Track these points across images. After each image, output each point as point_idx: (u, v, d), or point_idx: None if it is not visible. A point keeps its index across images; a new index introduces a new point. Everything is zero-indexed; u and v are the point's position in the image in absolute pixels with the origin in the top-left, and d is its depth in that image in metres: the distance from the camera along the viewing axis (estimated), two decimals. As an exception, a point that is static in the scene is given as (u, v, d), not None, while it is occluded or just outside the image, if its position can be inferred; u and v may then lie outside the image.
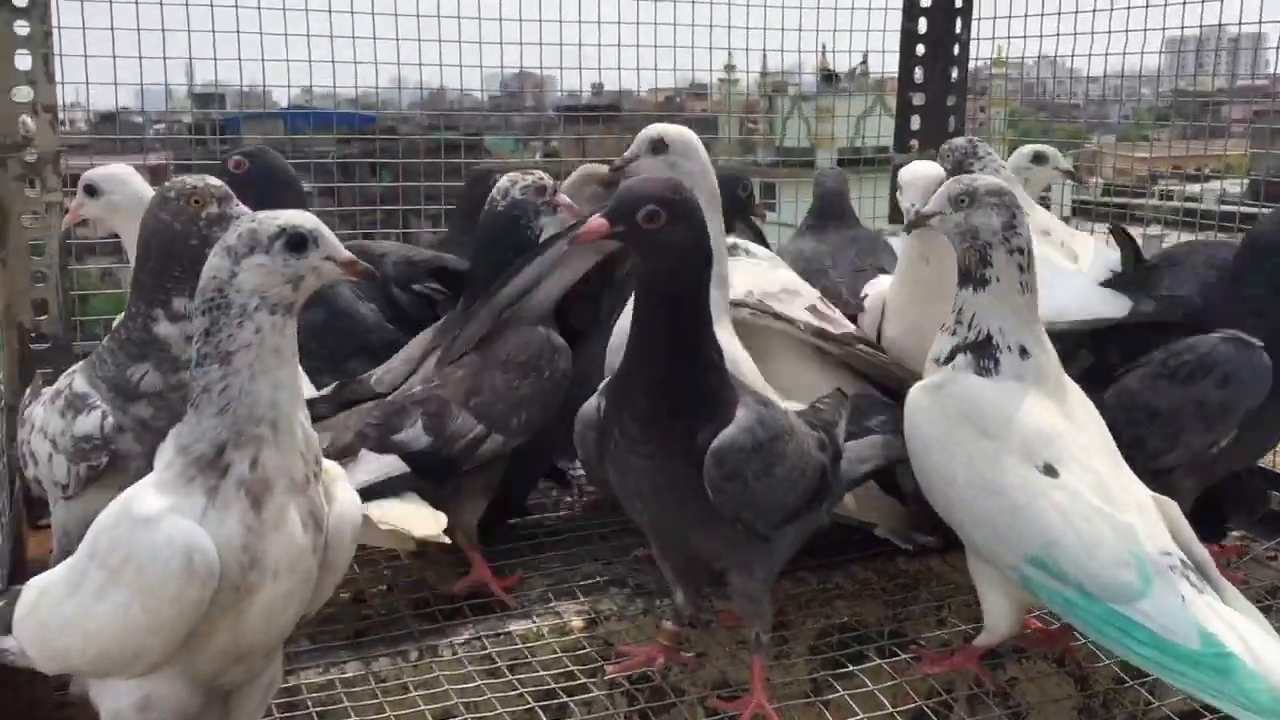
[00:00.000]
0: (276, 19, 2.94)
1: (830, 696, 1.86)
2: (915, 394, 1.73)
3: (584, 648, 1.83)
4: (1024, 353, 1.66)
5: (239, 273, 1.23)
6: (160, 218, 1.68)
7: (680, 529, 1.64)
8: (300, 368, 1.33)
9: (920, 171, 2.07)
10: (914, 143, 3.10)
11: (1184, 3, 2.98)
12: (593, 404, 1.62)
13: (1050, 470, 1.58)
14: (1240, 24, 2.98)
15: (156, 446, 1.30)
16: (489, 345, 1.91)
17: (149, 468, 1.30)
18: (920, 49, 3.04)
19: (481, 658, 1.75)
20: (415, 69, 3.33)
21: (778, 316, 2.07)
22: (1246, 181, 3.89)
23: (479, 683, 1.73)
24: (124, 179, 2.14)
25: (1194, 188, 3.95)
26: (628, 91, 4.03)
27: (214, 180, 1.73)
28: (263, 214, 1.28)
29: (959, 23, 3.05)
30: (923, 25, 3.04)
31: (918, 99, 3.05)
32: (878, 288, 2.26)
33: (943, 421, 1.65)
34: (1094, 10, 2.94)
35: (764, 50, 3.55)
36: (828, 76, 4.05)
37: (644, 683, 1.81)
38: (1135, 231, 3.78)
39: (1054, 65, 3.77)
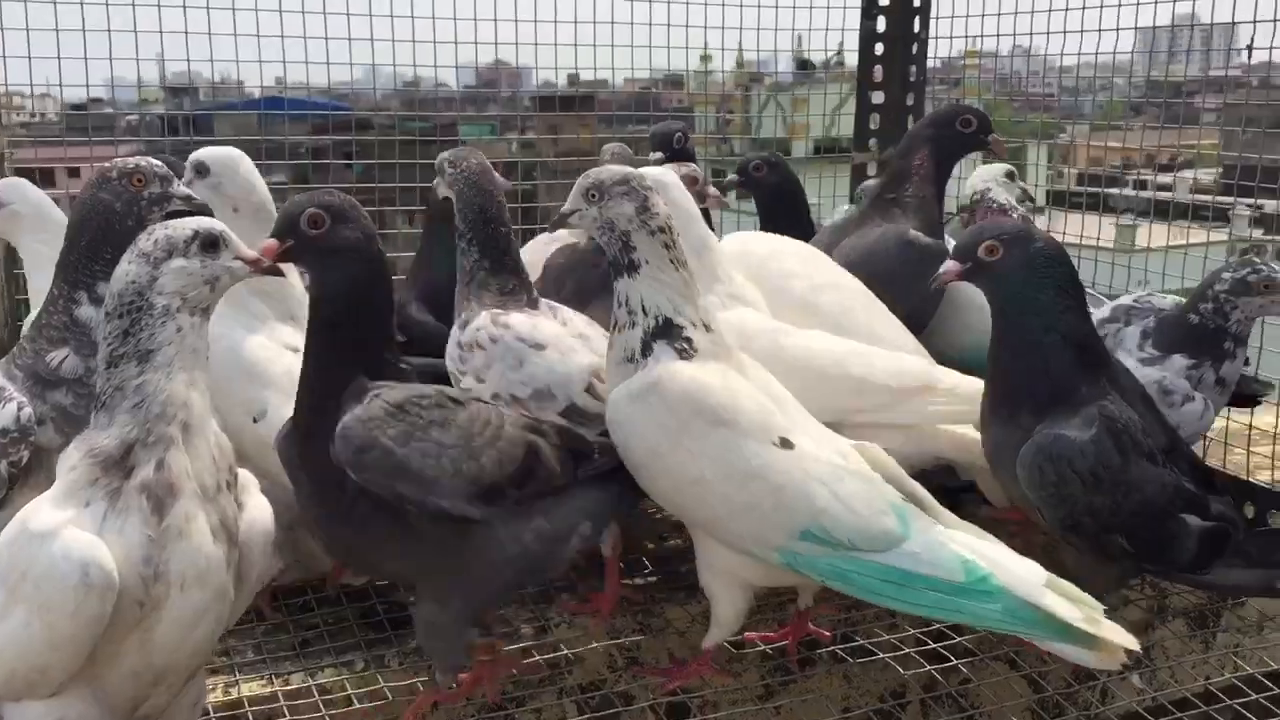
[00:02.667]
0: (250, 7, 2.91)
1: (782, 702, 1.87)
2: (622, 403, 1.61)
3: (531, 655, 1.83)
4: (707, 328, 1.65)
5: (159, 276, 1.28)
6: (100, 197, 1.67)
7: (361, 547, 1.57)
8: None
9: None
10: (873, 141, 3.09)
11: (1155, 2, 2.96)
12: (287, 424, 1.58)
13: (786, 443, 1.58)
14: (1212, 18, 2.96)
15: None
16: None
17: None
18: (879, 48, 3.02)
19: (428, 668, 1.74)
20: (389, 59, 3.29)
21: None
22: (1219, 170, 3.89)
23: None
24: (24, 189, 2.13)
25: (1166, 177, 3.94)
26: (603, 81, 4.01)
27: (155, 160, 1.74)
28: (172, 221, 1.32)
29: (917, 22, 3.03)
30: (881, 24, 3.02)
31: (877, 98, 3.04)
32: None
33: (670, 420, 1.57)
34: (1049, 10, 2.91)
35: (740, 42, 3.54)
36: (804, 64, 4.02)
37: (594, 690, 1.81)
38: (1108, 220, 3.79)
39: (1027, 57, 3.75)
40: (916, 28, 3.03)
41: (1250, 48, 3.09)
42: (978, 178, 2.87)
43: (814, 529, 1.53)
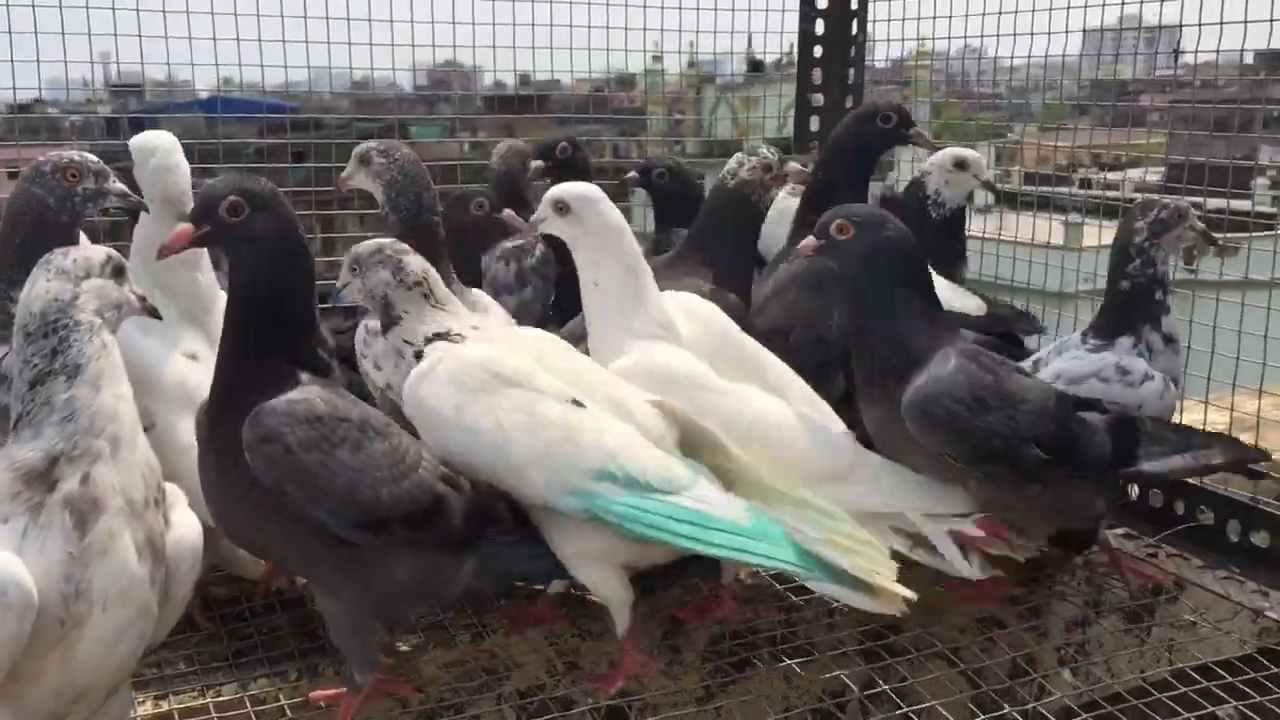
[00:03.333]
0: (203, 9, 2.87)
1: (721, 703, 1.87)
2: (417, 381, 1.67)
3: (468, 662, 1.82)
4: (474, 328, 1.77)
5: (81, 294, 1.30)
6: (33, 192, 1.66)
7: (250, 532, 1.58)
8: None
9: None
10: (814, 143, 3.10)
11: (1103, 5, 2.98)
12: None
13: (578, 403, 1.67)
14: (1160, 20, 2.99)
15: None
16: None
17: None
18: (818, 50, 3.03)
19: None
20: (341, 60, 3.25)
21: None
22: (1164, 169, 3.93)
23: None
24: None
25: (1114, 175, 3.98)
26: (555, 82, 3.99)
27: (90, 155, 1.73)
28: (82, 245, 1.38)
29: (855, 25, 3.04)
30: (820, 27, 3.02)
31: (816, 100, 3.05)
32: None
33: (466, 383, 1.64)
34: (999, 13, 2.92)
35: (693, 44, 3.54)
36: (755, 65, 4.03)
37: (532, 696, 1.81)
38: (1058, 219, 3.83)
39: (977, 58, 3.78)
40: (854, 30, 3.05)
41: (1177, 51, 3.14)
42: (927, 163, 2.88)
43: (611, 468, 1.60)
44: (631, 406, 1.72)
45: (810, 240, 1.88)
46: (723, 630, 1.96)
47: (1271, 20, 2.29)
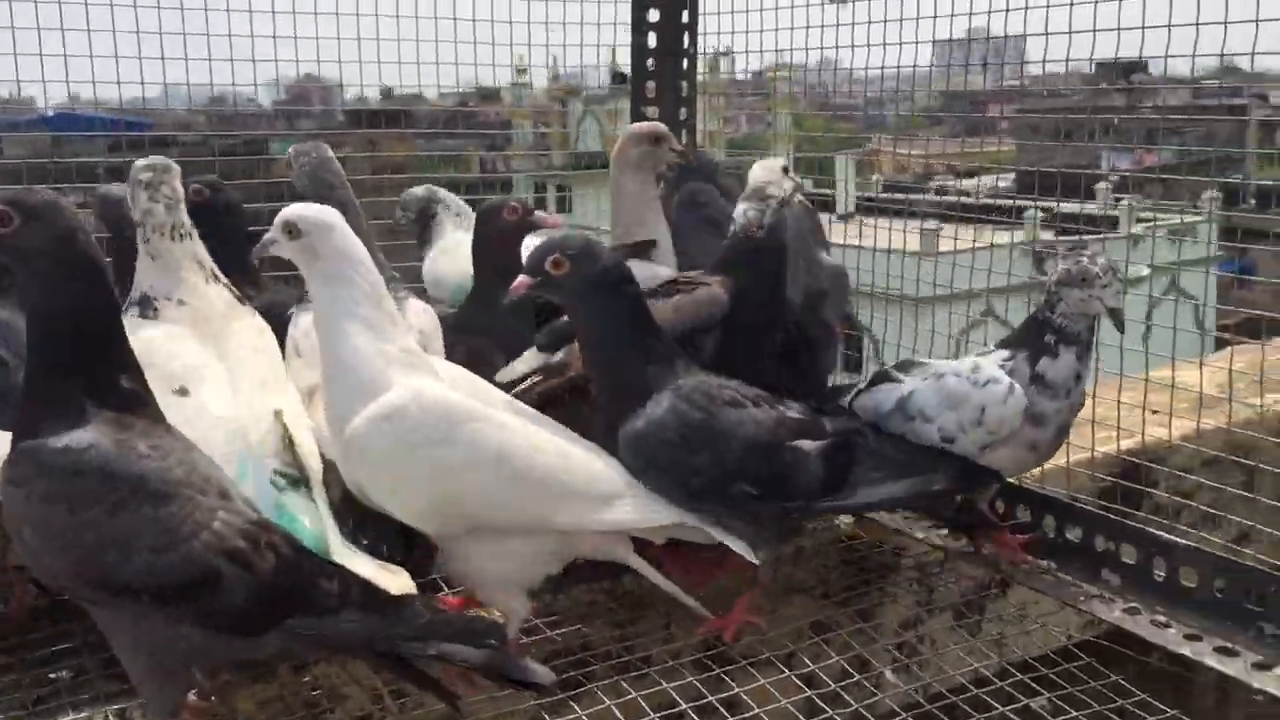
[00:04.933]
0: (53, 25, 2.76)
1: (558, 720, 1.86)
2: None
3: (287, 697, 1.78)
4: (180, 303, 1.91)
5: None
6: None
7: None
8: None
9: None
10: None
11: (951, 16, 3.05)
12: None
13: (184, 391, 1.77)
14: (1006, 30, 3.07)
15: None
16: None
17: None
18: (650, 63, 3.06)
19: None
20: (199, 74, 3.16)
21: None
22: (1014, 175, 4.05)
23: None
24: None
25: (968, 182, 4.11)
26: (416, 94, 3.96)
27: None
28: None
29: (686, 38, 3.08)
30: (652, 39, 3.05)
31: (651, 112, 3.08)
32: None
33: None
34: (837, 25, 2.98)
35: (558, 57, 3.54)
36: (618, 77, 4.05)
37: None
38: (914, 225, 3.93)
39: (834, 69, 3.85)
40: (686, 43, 3.08)
41: (1022, 62, 3.24)
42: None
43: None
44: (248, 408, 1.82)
45: (523, 279, 1.81)
46: (558, 648, 1.95)
47: (1118, 29, 2.33)
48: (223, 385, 1.85)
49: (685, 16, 3.04)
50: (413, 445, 1.68)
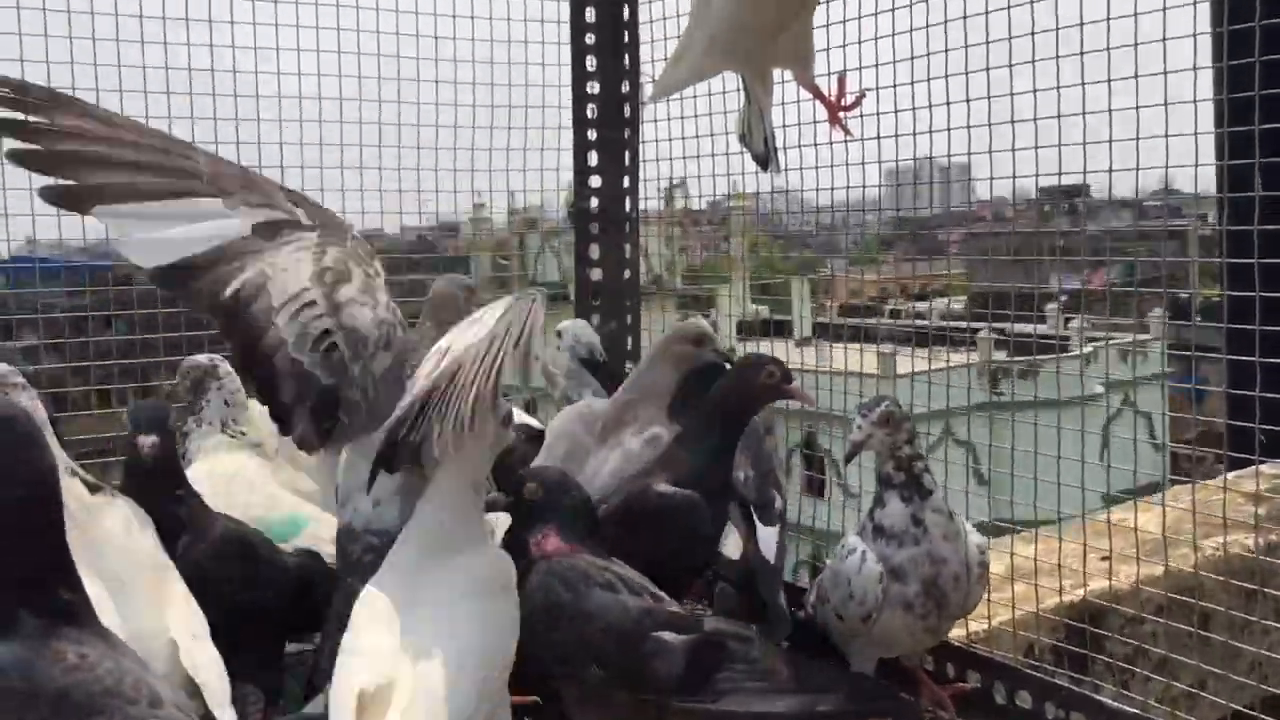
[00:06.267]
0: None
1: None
2: None
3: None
4: None
5: None
6: None
7: None
8: None
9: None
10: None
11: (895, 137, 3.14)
12: None
13: None
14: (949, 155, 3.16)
15: None
16: None
17: None
18: (594, 203, 3.10)
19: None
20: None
21: None
22: (966, 298, 4.12)
23: None
24: None
25: (921, 305, 4.17)
26: (378, 231, 4.00)
27: None
28: None
29: (627, 179, 3.13)
30: (596, 181, 3.12)
31: (594, 251, 3.11)
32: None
33: None
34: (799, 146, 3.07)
35: (514, 194, 3.60)
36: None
37: None
38: (870, 349, 3.97)
39: (786, 196, 3.95)
40: (627, 184, 3.14)
41: (969, 179, 3.32)
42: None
43: None
44: None
45: (499, 496, 1.91)
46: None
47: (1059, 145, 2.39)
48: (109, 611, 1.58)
49: (627, 159, 3.11)
50: None
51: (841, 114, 2.09)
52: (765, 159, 2.23)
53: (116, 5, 2.80)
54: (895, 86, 2.62)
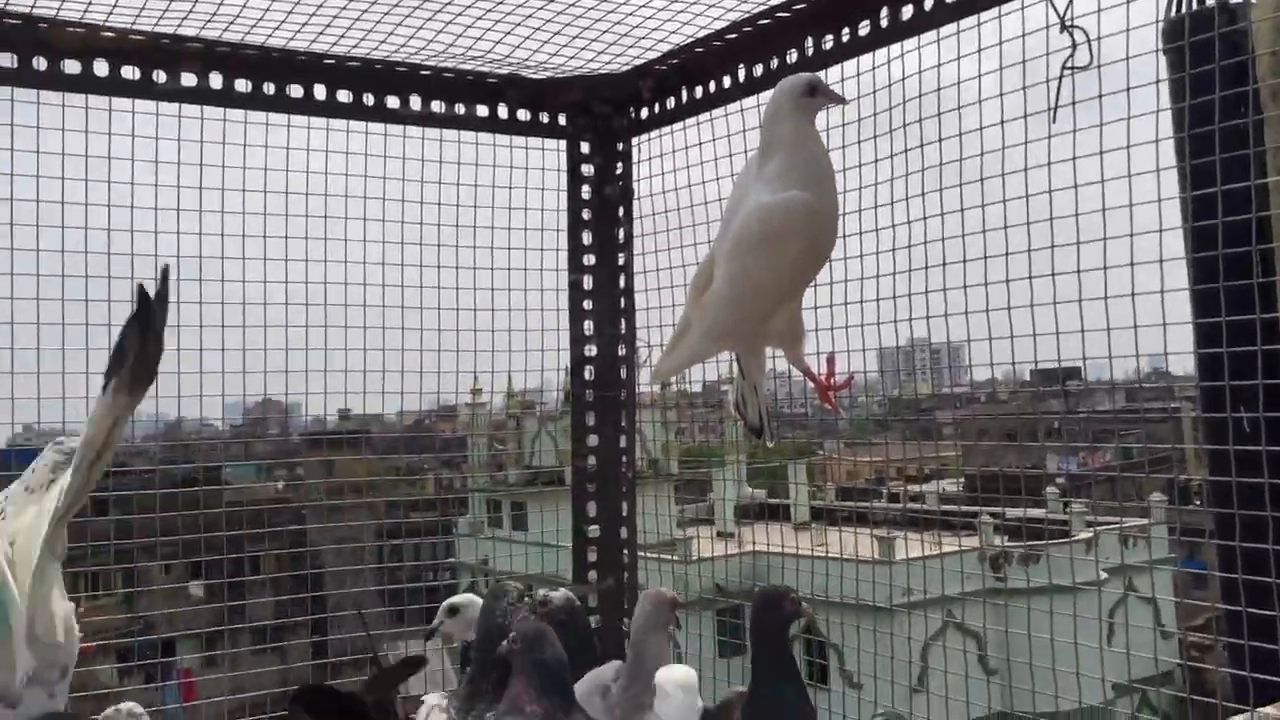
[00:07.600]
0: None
1: None
2: None
3: None
4: None
5: None
6: None
7: None
8: None
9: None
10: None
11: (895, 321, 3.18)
12: None
13: None
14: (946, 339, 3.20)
15: None
16: None
17: None
18: (590, 395, 3.12)
19: None
20: (150, 400, 3.19)
21: None
22: (962, 480, 4.10)
23: None
24: None
25: (916, 488, 4.15)
26: (375, 415, 4.02)
27: None
28: None
29: (623, 370, 3.16)
30: (589, 373, 3.15)
31: (592, 440, 3.12)
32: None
33: None
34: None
35: (512, 377, 3.64)
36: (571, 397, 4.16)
37: None
38: (865, 532, 3.91)
39: (773, 375, 3.99)
40: (623, 374, 3.16)
41: (959, 366, 3.35)
42: None
43: None
44: None
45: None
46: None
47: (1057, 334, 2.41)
48: None
49: (621, 350, 3.15)
50: None
51: (831, 393, 2.14)
52: (760, 430, 2.29)
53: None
54: (891, 275, 2.70)
